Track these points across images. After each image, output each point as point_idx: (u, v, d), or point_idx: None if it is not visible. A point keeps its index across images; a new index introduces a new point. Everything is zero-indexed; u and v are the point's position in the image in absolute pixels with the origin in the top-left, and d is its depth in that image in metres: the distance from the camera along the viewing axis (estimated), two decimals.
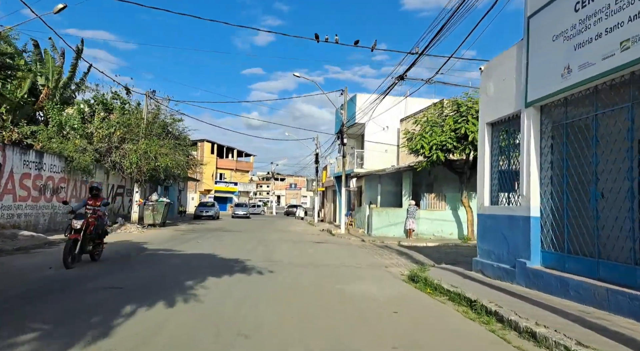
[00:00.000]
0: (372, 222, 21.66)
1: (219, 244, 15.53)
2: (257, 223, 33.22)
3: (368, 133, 28.05)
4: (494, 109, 8.93)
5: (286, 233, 23.77)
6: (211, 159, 67.12)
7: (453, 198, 20.40)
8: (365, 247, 16.64)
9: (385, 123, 27.78)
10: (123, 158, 22.89)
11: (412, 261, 12.62)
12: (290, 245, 16.20)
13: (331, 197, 35.80)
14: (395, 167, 21.71)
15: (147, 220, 24.34)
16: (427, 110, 20.08)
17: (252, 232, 23.59)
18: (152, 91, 25.30)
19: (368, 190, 24.19)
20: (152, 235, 18.53)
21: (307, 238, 20.63)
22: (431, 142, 17.61)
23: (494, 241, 8.63)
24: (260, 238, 18.80)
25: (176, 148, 26.68)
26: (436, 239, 19.87)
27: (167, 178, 28.14)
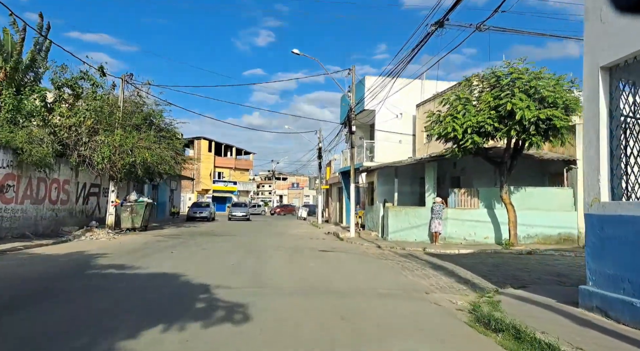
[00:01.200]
0: (389, 223, 18.12)
1: (197, 256, 12.03)
2: (254, 225, 29.73)
3: (379, 121, 24.50)
4: (619, 43, 5.38)
5: (285, 237, 20.25)
6: (209, 157, 63.73)
7: (487, 194, 16.84)
8: (385, 257, 13.10)
9: (399, 109, 24.24)
10: (94, 152, 19.42)
11: (457, 280, 9.08)
12: (289, 255, 12.68)
13: (336, 195, 32.30)
14: (415, 158, 18.19)
15: (125, 223, 20.90)
16: (455, 88, 16.53)
17: (245, 236, 20.10)
18: (128, 74, 21.80)
19: (381, 186, 20.66)
20: (119, 244, 15.04)
21: (310, 244, 17.11)
22: (465, 123, 14.04)
23: (629, 261, 5.08)
24: (252, 246, 15.30)
25: (160, 141, 23.23)
26: (468, 244, 16.32)
27: (149, 176, 24.67)
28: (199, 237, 18.87)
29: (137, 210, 21.10)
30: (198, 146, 63.32)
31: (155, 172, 24.56)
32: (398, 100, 23.55)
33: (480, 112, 13.98)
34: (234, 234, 21.05)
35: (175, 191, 40.51)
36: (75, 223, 19.52)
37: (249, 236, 20.18)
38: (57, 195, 18.53)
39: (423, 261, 12.22)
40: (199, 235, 19.67)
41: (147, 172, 23.48)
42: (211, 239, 17.84)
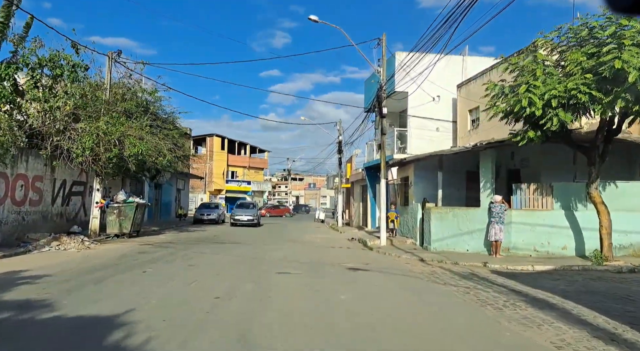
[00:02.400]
0: (431, 229, 14.33)
1: (174, 280, 8.42)
2: (265, 229, 26.19)
3: (412, 106, 20.68)
4: None
5: (300, 246, 16.60)
6: (221, 156, 60.60)
7: (565, 191, 12.90)
8: (439, 278, 9.33)
9: (435, 92, 20.37)
10: (72, 143, 16.11)
11: (595, 333, 5.28)
12: (304, 278, 9.00)
13: (359, 195, 28.55)
14: (466, 145, 14.34)
15: (111, 228, 17.55)
16: (518, 56, 12.60)
17: (252, 243, 16.51)
18: (116, 52, 18.43)
19: (419, 182, 16.85)
20: (85, 258, 11.56)
21: (333, 256, 13.43)
22: (546, 93, 10.14)
23: None
24: (257, 260, 11.69)
25: (158, 131, 19.88)
26: (542, 257, 12.43)
27: (145, 172, 21.34)
28: (194, 245, 15.36)
29: (126, 212, 17.73)
30: (210, 143, 60.26)
31: (152, 168, 21.28)
32: (434, 81, 19.71)
33: (570, 77, 10.08)
34: (239, 241, 17.49)
35: (182, 191, 37.31)
36: (51, 229, 16.21)
37: (257, 243, 16.60)
38: (23, 194, 15.24)
39: (498, 286, 8.42)
40: (196, 243, 16.16)
41: (142, 167, 20.22)
42: (209, 249, 14.31)
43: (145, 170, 21.15)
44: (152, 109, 20.17)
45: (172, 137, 22.71)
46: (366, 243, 16.81)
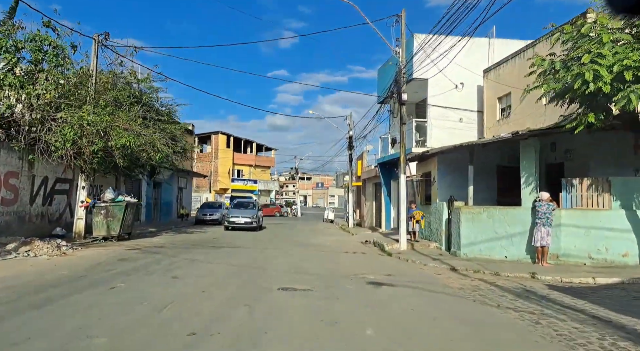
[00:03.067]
0: (460, 232, 12.29)
1: (145, 303, 6.43)
2: (269, 231, 24.25)
3: (432, 94, 18.60)
4: None
5: (309, 251, 14.61)
6: (227, 154, 58.85)
7: (627, 188, 10.78)
8: (487, 297, 7.28)
9: (457, 78, 18.28)
10: (52, 135, 14.29)
11: None
12: (315, 299, 6.99)
13: (372, 193, 26.51)
14: (503, 135, 12.22)
15: (98, 230, 15.68)
16: (572, 24, 10.45)
17: (254, 247, 14.55)
18: (103, 35, 16.53)
19: (444, 177, 14.77)
20: (53, 268, 9.66)
21: (347, 264, 11.43)
22: (617, 64, 8.05)
23: None
24: (255, 272, 9.71)
25: (152, 124, 18.04)
26: (599, 266, 10.34)
27: (137, 168, 19.50)
28: (188, 250, 13.43)
29: (114, 212, 15.85)
30: (215, 141, 58.51)
31: (147, 164, 19.44)
32: (457, 67, 17.64)
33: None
34: (239, 245, 15.55)
35: (184, 190, 35.48)
36: (30, 231, 14.38)
37: (259, 248, 14.64)
38: None
39: (571, 310, 6.37)
40: (191, 248, 14.24)
41: (135, 163, 18.39)
42: (203, 254, 12.38)
43: (139, 166, 19.33)
44: (145, 99, 18.26)
45: (170, 131, 20.90)
46: (384, 248, 14.79)
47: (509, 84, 15.57)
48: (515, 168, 14.03)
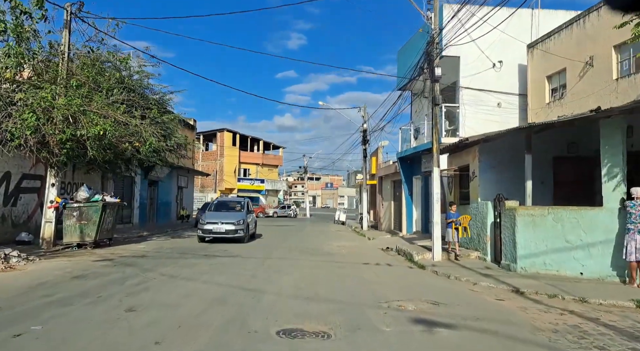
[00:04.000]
0: (517, 239, 9.54)
1: None
2: (277, 233, 21.65)
3: (464, 75, 15.84)
4: None
5: (321, 260, 11.92)
6: (233, 152, 56.46)
7: None
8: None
9: (494, 57, 15.51)
10: (12, 121, 11.80)
11: None
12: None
13: (390, 192, 23.76)
14: (566, 116, 9.45)
15: (70, 236, 13.18)
16: None
17: (252, 259, 11.88)
18: (77, 3, 13.97)
19: (487, 172, 11.99)
20: None
21: (373, 284, 8.73)
22: None
23: None
24: (248, 298, 7.03)
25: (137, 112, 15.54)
26: None
27: (123, 162, 16.98)
28: (171, 261, 10.81)
29: (89, 214, 13.33)
30: (221, 139, 56.18)
31: (133, 158, 16.91)
32: (493, 43, 14.91)
33: None
34: (236, 253, 12.92)
35: (185, 189, 32.96)
36: None
37: (259, 258, 11.98)
38: None
39: None
40: (176, 258, 11.63)
41: (119, 156, 15.89)
42: (186, 268, 9.77)
43: (125, 160, 16.80)
44: (128, 81, 15.71)
45: (161, 122, 18.36)
46: (412, 258, 12.06)
47: (563, 59, 12.77)
48: (578, 159, 11.27)
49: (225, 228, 15.69)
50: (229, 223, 15.76)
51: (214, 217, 16.33)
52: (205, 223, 15.97)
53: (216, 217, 16.31)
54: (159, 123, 18.14)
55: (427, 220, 18.72)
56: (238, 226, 15.80)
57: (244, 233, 15.97)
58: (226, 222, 15.79)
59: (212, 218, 16.13)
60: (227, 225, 15.71)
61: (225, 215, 16.54)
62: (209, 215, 16.59)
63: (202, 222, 16.17)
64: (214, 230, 15.76)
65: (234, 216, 16.39)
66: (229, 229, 15.70)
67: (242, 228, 15.87)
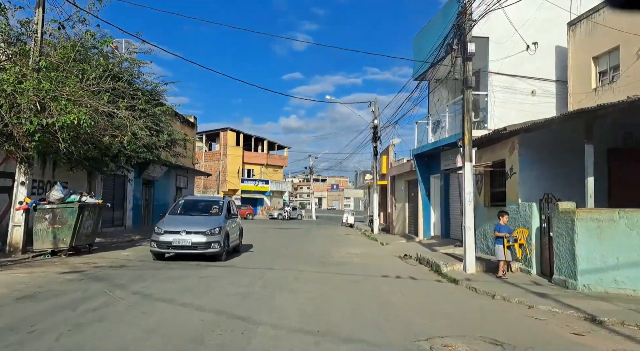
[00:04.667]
0: (576, 249, 7.65)
1: None
2: (281, 238, 19.80)
3: (493, 59, 13.94)
4: None
5: (332, 273, 10.04)
6: (236, 152, 54.72)
7: None
8: None
9: (528, 38, 13.59)
10: None
11: None
12: None
13: (404, 192, 21.86)
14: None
15: (41, 241, 11.41)
16: None
17: (250, 269, 10.04)
18: None
19: (529, 167, 10.08)
20: None
21: (401, 306, 6.86)
22: None
23: None
24: (236, 331, 5.19)
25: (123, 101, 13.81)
26: None
27: (111, 160, 15.25)
28: (149, 275, 8.95)
29: (64, 217, 11.55)
30: (224, 138, 54.48)
31: (120, 154, 15.17)
32: (527, 23, 13.02)
33: None
34: (231, 263, 11.08)
35: (184, 190, 31.18)
36: None
37: (258, 268, 10.12)
38: None
39: None
40: (159, 269, 9.78)
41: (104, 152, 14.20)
42: (167, 284, 7.95)
43: (111, 156, 15.06)
44: (112, 66, 13.93)
45: (152, 114, 16.64)
46: (439, 269, 10.16)
47: (616, 36, 10.85)
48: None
49: (192, 241, 10.83)
50: (198, 233, 10.92)
51: (176, 223, 11.44)
52: (162, 233, 10.96)
53: (179, 223, 11.42)
54: (149, 116, 16.46)
55: (447, 224, 16.84)
56: (212, 237, 10.96)
57: (221, 246, 11.06)
58: (194, 231, 10.95)
59: (173, 225, 11.22)
60: (195, 236, 10.88)
61: (194, 221, 11.69)
62: (170, 221, 11.63)
63: (158, 230, 11.12)
64: (175, 243, 10.80)
65: (206, 222, 11.54)
66: (198, 242, 10.83)
67: (217, 239, 11.01)
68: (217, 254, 11.13)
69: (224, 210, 12.50)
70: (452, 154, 15.59)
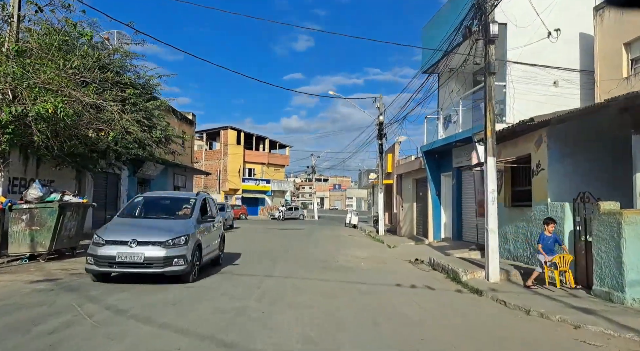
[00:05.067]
0: (625, 257, 6.56)
1: None
2: (282, 239, 18.72)
3: (512, 47, 12.84)
4: None
5: (338, 280, 8.95)
6: (237, 150, 53.69)
7: None
8: None
9: (549, 25, 12.47)
10: None
11: None
12: None
13: (411, 192, 20.77)
14: None
15: (17, 245, 10.38)
16: None
17: (247, 277, 8.99)
18: None
19: (558, 163, 8.99)
20: None
21: (426, 329, 5.79)
22: None
23: None
24: None
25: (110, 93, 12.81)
26: None
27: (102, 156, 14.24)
28: (129, 288, 7.85)
29: (42, 218, 10.50)
30: (225, 137, 53.44)
31: (108, 150, 14.17)
32: (548, 9, 11.91)
33: None
34: (225, 270, 10.02)
35: (182, 189, 30.17)
36: None
37: (256, 276, 9.06)
38: None
39: None
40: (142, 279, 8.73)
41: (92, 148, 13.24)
42: (148, 297, 6.88)
43: (99, 152, 14.03)
44: (97, 55, 12.86)
45: (144, 109, 15.64)
46: (458, 277, 9.08)
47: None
48: None
49: (144, 255, 7.53)
50: (154, 244, 7.65)
51: (124, 229, 8.14)
52: (103, 244, 7.71)
53: (130, 229, 8.12)
54: (141, 111, 15.46)
55: (459, 225, 15.75)
56: (174, 249, 7.70)
57: (187, 263, 7.78)
58: (148, 242, 7.68)
59: (120, 233, 7.93)
60: (149, 248, 7.60)
61: (152, 225, 8.44)
62: (116, 227, 8.37)
63: (98, 239, 7.84)
64: (121, 258, 7.53)
65: (169, 228, 8.17)
66: (153, 257, 7.54)
67: (181, 253, 7.73)
68: (182, 273, 7.75)
69: (195, 211, 9.01)
70: (465, 150, 14.52)
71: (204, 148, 54.81)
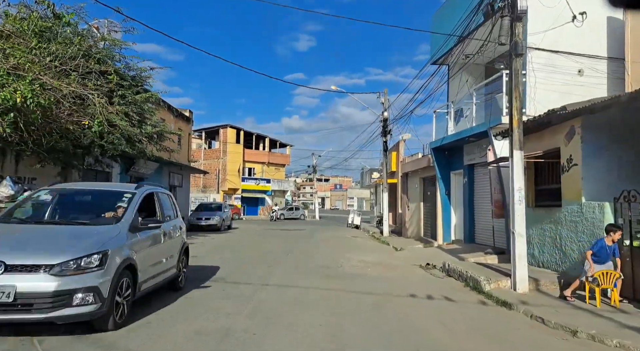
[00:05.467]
0: None
1: None
2: (282, 240, 17.62)
3: (533, 32, 11.73)
4: None
5: (343, 288, 7.86)
6: (237, 150, 52.63)
7: None
8: None
9: (575, 7, 11.38)
10: None
11: None
12: None
13: (418, 191, 19.67)
14: None
15: None
16: None
17: (242, 285, 7.90)
18: None
19: (593, 157, 7.91)
20: None
21: None
22: None
23: None
24: None
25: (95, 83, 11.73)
26: None
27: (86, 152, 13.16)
28: None
29: None
30: (224, 135, 52.36)
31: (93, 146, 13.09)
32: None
33: None
34: (219, 276, 8.94)
35: (179, 188, 29.07)
36: None
37: (252, 285, 7.98)
38: None
39: None
40: None
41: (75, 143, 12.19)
42: None
43: (81, 147, 12.95)
44: (78, 40, 11.75)
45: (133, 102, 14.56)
46: (479, 286, 8.00)
47: None
48: None
49: (17, 288, 4.34)
50: (34, 270, 4.48)
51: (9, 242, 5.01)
52: None
53: (8, 242, 4.98)
54: (130, 104, 14.38)
55: (471, 226, 14.68)
56: (71, 281, 4.56)
57: (102, 300, 4.67)
58: (24, 266, 4.48)
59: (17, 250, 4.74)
60: (25, 278, 4.44)
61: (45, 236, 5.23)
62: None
63: None
64: None
65: (73, 240, 4.99)
66: (30, 292, 4.39)
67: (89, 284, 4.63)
68: (91, 317, 4.67)
69: (130, 211, 5.78)
70: (479, 146, 13.46)
71: (202, 147, 53.79)
